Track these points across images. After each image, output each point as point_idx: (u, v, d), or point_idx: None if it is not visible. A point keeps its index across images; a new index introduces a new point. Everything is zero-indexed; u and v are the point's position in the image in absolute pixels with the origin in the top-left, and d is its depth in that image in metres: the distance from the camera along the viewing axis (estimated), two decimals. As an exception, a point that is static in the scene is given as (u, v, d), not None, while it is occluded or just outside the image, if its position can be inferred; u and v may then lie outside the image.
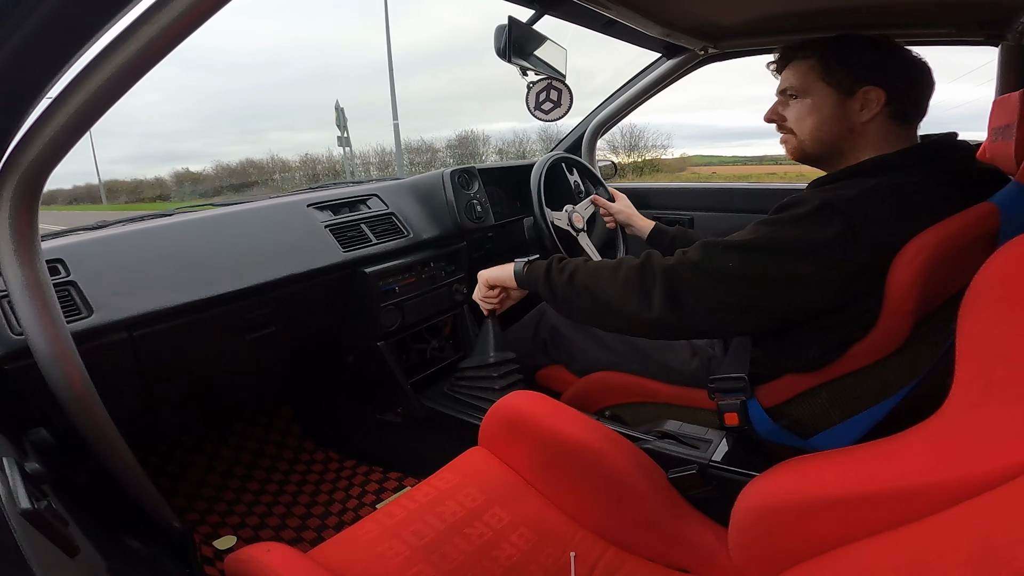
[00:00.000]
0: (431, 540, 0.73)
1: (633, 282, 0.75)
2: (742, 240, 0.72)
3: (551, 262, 0.87)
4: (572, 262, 0.85)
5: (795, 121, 0.84)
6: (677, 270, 0.73)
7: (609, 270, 0.79)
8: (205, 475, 1.39)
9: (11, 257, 0.66)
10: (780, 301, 0.70)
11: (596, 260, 0.83)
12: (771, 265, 0.69)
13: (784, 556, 0.54)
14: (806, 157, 0.85)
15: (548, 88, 1.12)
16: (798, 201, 0.72)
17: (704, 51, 1.38)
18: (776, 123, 0.87)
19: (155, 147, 34.92)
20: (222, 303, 1.00)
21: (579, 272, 0.82)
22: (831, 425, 0.77)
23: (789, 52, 0.84)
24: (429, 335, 1.42)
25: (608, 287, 0.77)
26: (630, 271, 0.76)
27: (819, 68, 0.80)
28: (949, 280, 0.67)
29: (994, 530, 0.34)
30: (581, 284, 0.81)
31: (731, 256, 0.71)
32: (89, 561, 0.58)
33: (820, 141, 0.82)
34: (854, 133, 0.79)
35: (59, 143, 0.59)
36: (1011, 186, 0.71)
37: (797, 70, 0.83)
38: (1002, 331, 0.43)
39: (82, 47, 0.48)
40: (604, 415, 1.11)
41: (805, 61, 0.82)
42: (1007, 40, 1.11)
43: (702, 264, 0.72)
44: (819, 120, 0.81)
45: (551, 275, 0.85)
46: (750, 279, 0.70)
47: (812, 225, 0.68)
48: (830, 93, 0.79)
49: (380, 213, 1.33)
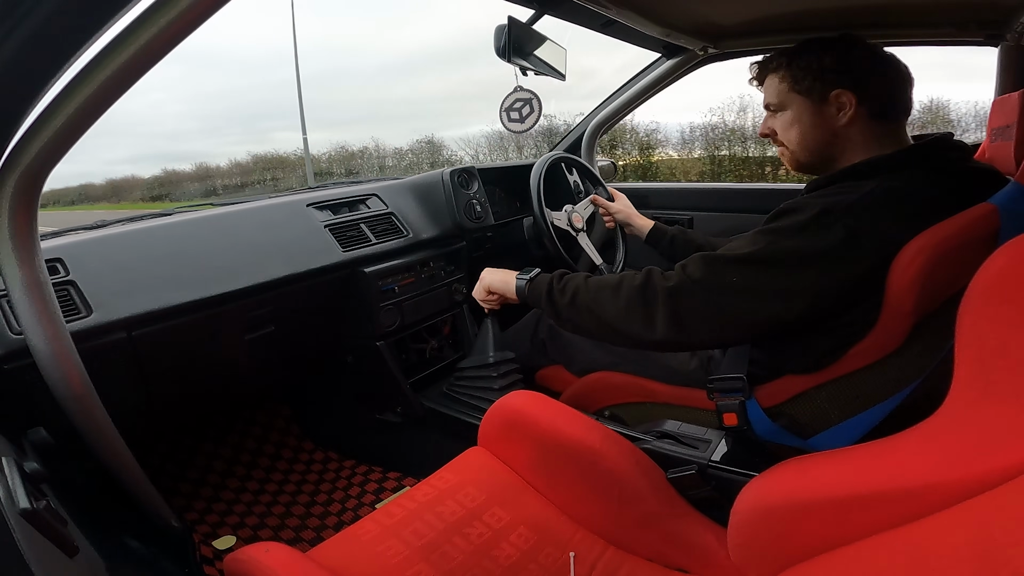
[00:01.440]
0: (430, 540, 0.73)
1: (636, 304, 0.74)
2: (744, 253, 0.71)
3: (552, 281, 0.86)
4: (573, 280, 0.83)
5: (782, 134, 0.84)
6: (679, 290, 0.72)
7: (611, 290, 0.78)
8: (204, 475, 1.39)
9: (10, 256, 0.66)
10: (785, 312, 0.69)
11: (596, 278, 0.82)
12: (775, 277, 0.69)
13: (783, 556, 0.54)
14: (802, 167, 0.86)
15: (526, 102, 1.13)
16: (796, 208, 0.72)
17: (704, 51, 1.38)
18: (770, 138, 0.88)
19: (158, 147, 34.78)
20: (221, 303, 1.00)
21: (580, 293, 0.81)
22: (830, 425, 0.77)
23: (762, 67, 0.85)
24: (428, 335, 1.41)
25: (611, 308, 0.77)
26: (632, 292, 0.75)
27: (788, 79, 0.81)
28: (949, 280, 0.67)
29: (994, 530, 0.34)
30: (583, 305, 0.80)
31: (734, 270, 0.70)
32: (88, 561, 0.58)
33: (809, 150, 0.82)
34: (838, 137, 0.79)
35: (59, 143, 0.59)
36: (1010, 186, 0.71)
37: (771, 84, 0.83)
38: (1001, 331, 0.43)
39: (82, 47, 0.48)
40: (603, 415, 1.11)
41: (775, 74, 0.82)
42: (1006, 40, 1.11)
43: (705, 281, 0.71)
44: (802, 130, 0.81)
45: (552, 295, 0.84)
46: (754, 292, 0.69)
47: (813, 233, 0.68)
48: (803, 102, 0.80)
49: (379, 213, 1.33)
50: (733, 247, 0.73)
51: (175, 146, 34.83)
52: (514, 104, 1.13)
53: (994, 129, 1.13)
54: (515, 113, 1.14)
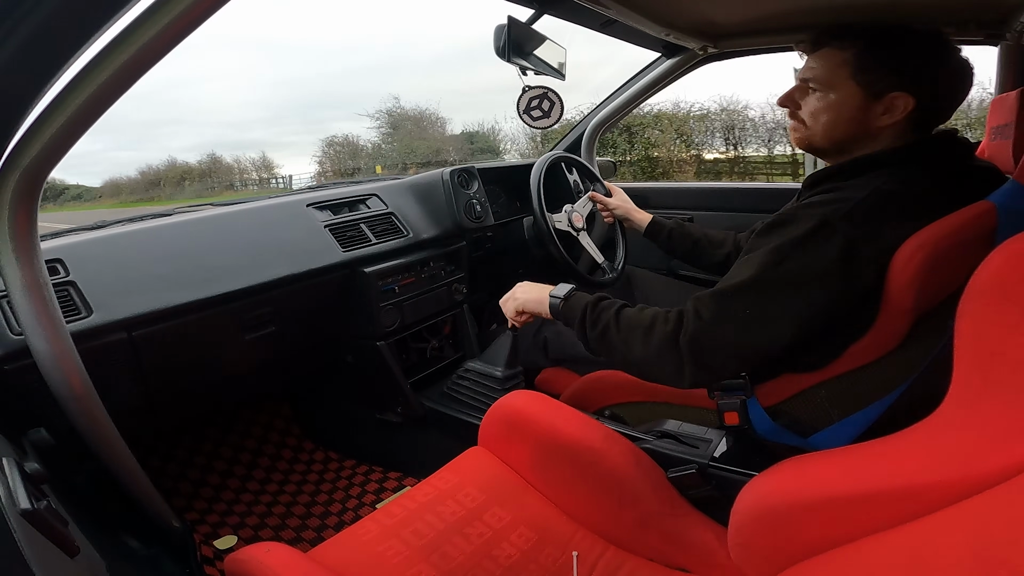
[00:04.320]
0: (431, 540, 0.73)
1: (665, 352, 0.73)
2: (748, 279, 0.69)
3: (585, 311, 0.83)
4: (605, 314, 0.80)
5: (810, 114, 0.78)
6: (699, 337, 0.70)
7: (641, 334, 0.75)
8: (205, 475, 1.39)
9: (10, 257, 0.66)
10: (798, 329, 0.69)
11: (628, 316, 0.78)
12: (784, 300, 0.68)
13: (783, 555, 0.54)
14: (812, 149, 0.82)
15: (542, 97, 1.12)
16: (793, 218, 0.71)
17: (703, 51, 1.38)
18: (789, 109, 0.82)
19: (225, 136, 34.43)
20: (221, 303, 1.00)
21: (611, 331, 0.79)
22: (830, 423, 0.77)
23: (825, 36, 0.76)
24: (429, 335, 1.41)
25: (639, 352, 0.75)
26: (662, 342, 0.73)
27: (853, 64, 0.73)
28: (947, 278, 0.67)
29: (992, 529, 0.34)
30: (613, 342, 0.78)
31: (744, 301, 0.69)
32: (89, 561, 0.58)
33: (831, 139, 0.78)
34: (868, 135, 0.75)
35: (59, 143, 0.59)
36: (1009, 184, 0.71)
37: (828, 61, 0.75)
38: (1000, 330, 0.43)
39: (81, 47, 0.48)
40: (604, 414, 1.11)
41: (840, 52, 0.74)
42: (1006, 40, 1.11)
43: (720, 319, 0.70)
44: (836, 119, 0.76)
45: (584, 325, 0.83)
46: (767, 319, 0.69)
47: (814, 248, 0.67)
48: (856, 93, 0.73)
49: (380, 213, 1.33)
50: (734, 275, 0.72)
51: (239, 135, 34.42)
52: (531, 103, 1.12)
53: (993, 128, 1.13)
54: (536, 111, 1.12)
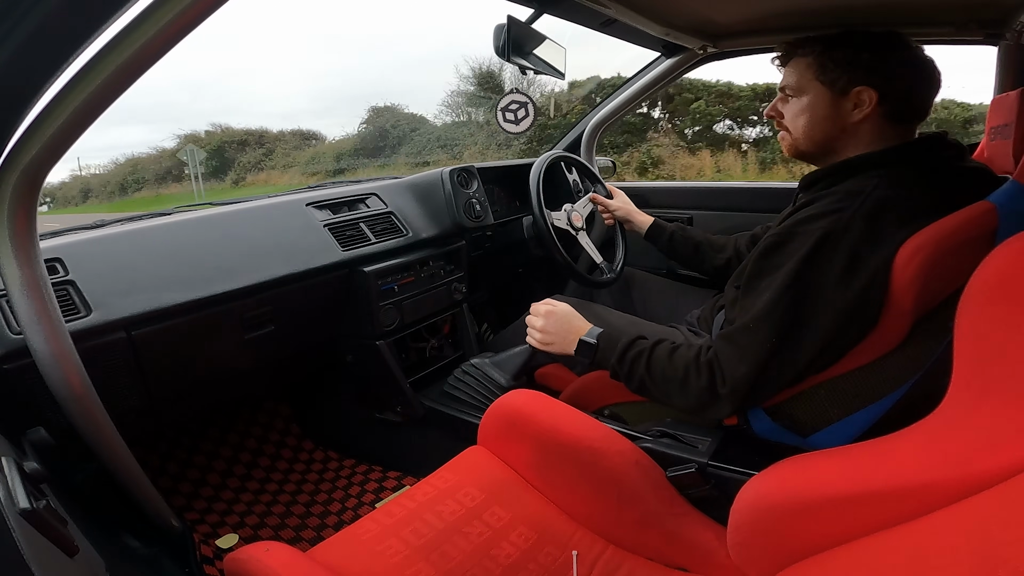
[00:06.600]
0: (430, 539, 0.73)
1: (708, 405, 0.76)
2: (766, 308, 0.72)
3: (615, 365, 0.84)
4: (640, 363, 0.81)
5: (790, 119, 0.84)
6: (740, 388, 0.73)
7: (678, 387, 0.78)
8: (204, 474, 1.39)
9: (10, 256, 0.66)
10: (823, 341, 0.71)
11: (660, 365, 0.80)
12: (800, 324, 0.71)
13: (783, 554, 0.54)
14: (801, 155, 0.86)
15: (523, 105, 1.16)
16: (792, 236, 0.73)
17: (703, 50, 1.38)
18: (775, 120, 0.87)
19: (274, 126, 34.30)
20: (221, 302, 1.00)
21: (647, 384, 0.81)
22: (830, 423, 0.77)
23: (791, 48, 0.84)
24: (428, 334, 1.41)
25: (680, 403, 0.78)
26: (703, 395, 0.76)
27: (815, 66, 0.80)
28: (947, 278, 0.67)
29: (992, 528, 0.34)
30: (654, 395, 0.81)
31: (765, 331, 0.71)
32: (89, 561, 0.58)
33: (813, 140, 0.82)
34: (846, 132, 0.79)
35: (58, 142, 0.58)
36: (1009, 185, 0.71)
37: (796, 68, 0.83)
38: (1000, 330, 0.43)
39: (81, 46, 0.48)
40: (603, 414, 1.11)
41: (803, 59, 0.82)
42: (1006, 39, 1.11)
43: (750, 359, 0.72)
44: (811, 119, 0.81)
45: (618, 376, 0.85)
46: (793, 341, 0.71)
47: (820, 264, 0.70)
48: (824, 92, 0.79)
49: (379, 212, 1.33)
50: (749, 306, 0.74)
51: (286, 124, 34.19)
52: (510, 105, 1.14)
53: (993, 128, 1.13)
54: (511, 114, 1.15)
